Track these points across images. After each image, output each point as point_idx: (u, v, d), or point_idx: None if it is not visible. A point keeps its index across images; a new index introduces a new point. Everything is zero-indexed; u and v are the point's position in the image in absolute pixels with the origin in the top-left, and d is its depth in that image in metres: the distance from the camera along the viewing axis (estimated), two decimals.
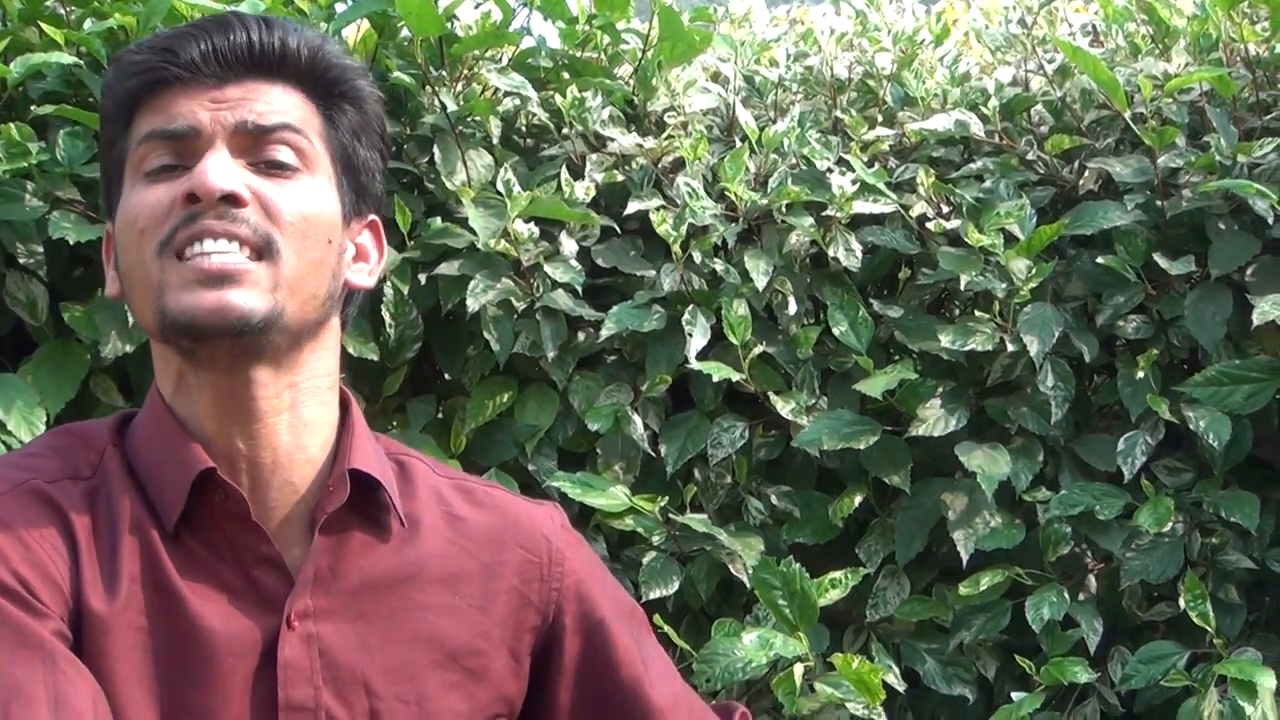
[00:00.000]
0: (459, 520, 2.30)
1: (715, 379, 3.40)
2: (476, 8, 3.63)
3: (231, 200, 1.98)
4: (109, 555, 2.09)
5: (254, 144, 2.05)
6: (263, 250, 2.00)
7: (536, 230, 3.43)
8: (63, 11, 3.36)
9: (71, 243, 3.20)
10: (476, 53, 3.57)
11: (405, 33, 3.46)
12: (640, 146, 3.58)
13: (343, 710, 2.12)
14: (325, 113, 2.11)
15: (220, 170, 1.99)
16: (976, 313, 3.51)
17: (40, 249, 3.30)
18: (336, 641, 2.14)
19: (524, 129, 3.74)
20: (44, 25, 3.29)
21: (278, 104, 2.08)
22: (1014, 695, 3.41)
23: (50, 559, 2.05)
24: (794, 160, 3.57)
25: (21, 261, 3.30)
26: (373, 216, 2.19)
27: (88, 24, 3.32)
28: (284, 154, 2.06)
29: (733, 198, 3.48)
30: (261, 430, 2.10)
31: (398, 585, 2.20)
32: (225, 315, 1.98)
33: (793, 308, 3.49)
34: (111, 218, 2.10)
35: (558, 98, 3.59)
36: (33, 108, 3.30)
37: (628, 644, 2.37)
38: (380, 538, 2.20)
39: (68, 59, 3.26)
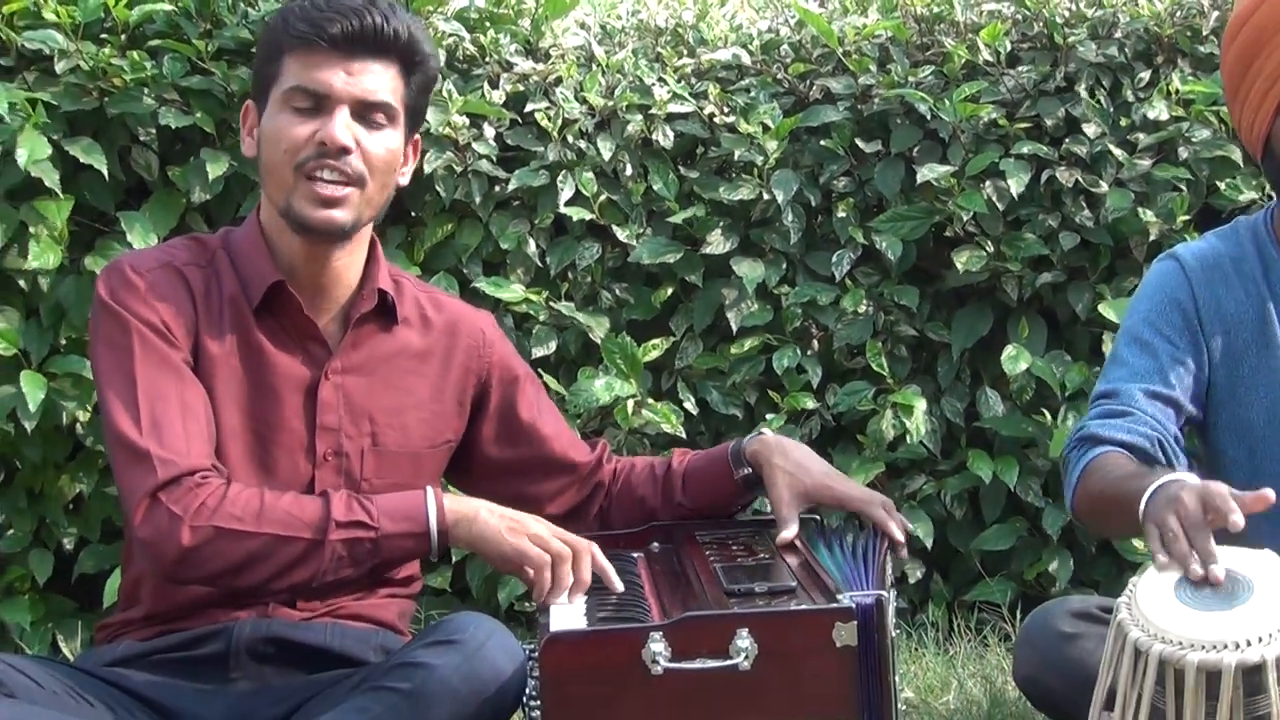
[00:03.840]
0: (429, 320, 2.72)
1: (577, 217, 3.88)
2: None
3: (345, 150, 2.44)
4: (217, 317, 2.55)
5: (364, 110, 2.47)
6: (357, 182, 2.45)
7: (468, 121, 3.85)
8: None
9: (173, 127, 3.67)
10: (430, 7, 3.89)
11: None
12: (535, 69, 3.97)
13: (354, 430, 2.60)
14: (406, 78, 2.52)
15: (343, 131, 2.44)
16: (744, 175, 3.93)
17: (153, 130, 3.75)
18: (353, 388, 2.60)
19: (461, 57, 4.02)
20: None
21: (383, 82, 2.49)
22: (768, 415, 3.84)
23: (182, 312, 2.51)
24: (631, 79, 3.98)
25: (141, 139, 3.75)
26: (416, 136, 2.62)
27: None
28: (380, 118, 2.48)
29: (591, 102, 3.92)
30: (326, 268, 2.58)
31: (392, 358, 2.65)
32: (329, 226, 2.47)
33: (629, 171, 3.93)
34: (256, 102, 2.53)
35: (482, 38, 3.96)
36: (149, 42, 3.72)
37: (530, 399, 2.84)
38: (385, 328, 2.64)
39: (169, 8, 3.68)
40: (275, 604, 2.53)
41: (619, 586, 2.45)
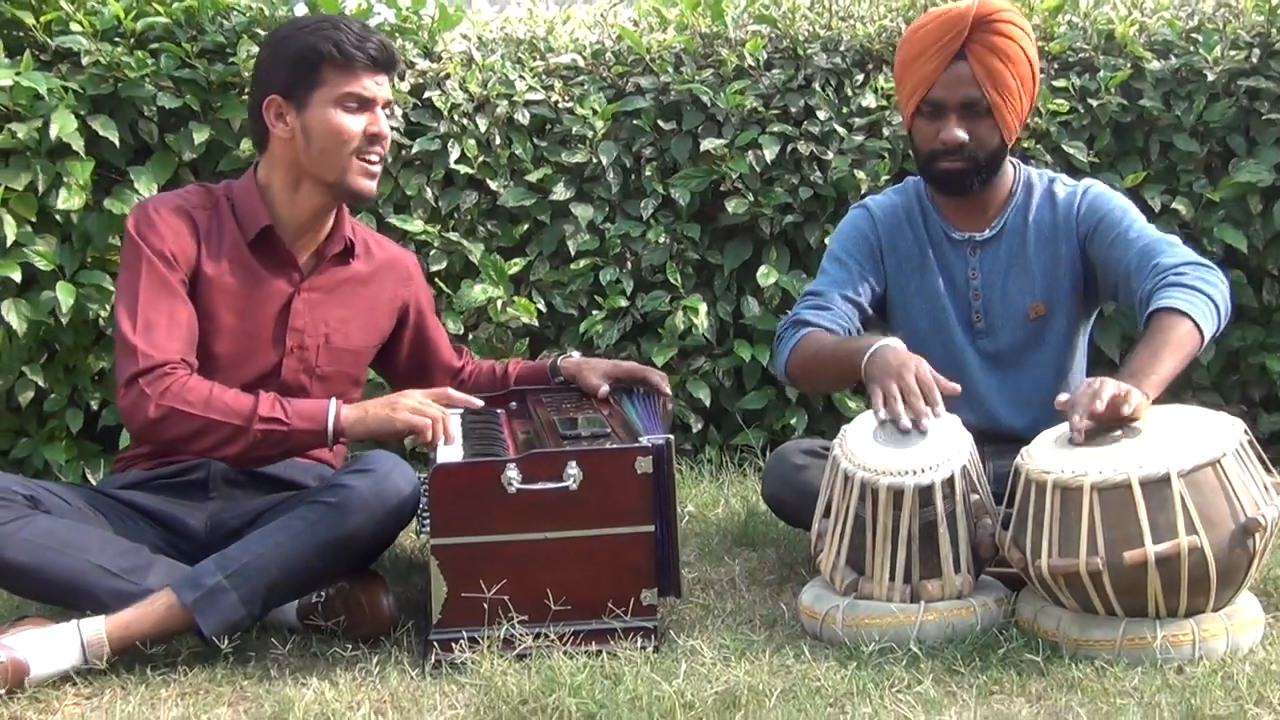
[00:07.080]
0: (370, 255, 2.75)
1: (462, 172, 3.79)
2: None
3: (386, 137, 2.53)
4: (217, 248, 2.53)
5: (385, 106, 2.52)
6: (383, 159, 2.54)
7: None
8: None
9: (168, 107, 3.57)
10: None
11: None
12: (430, 67, 3.86)
13: (314, 331, 2.62)
14: (391, 80, 2.57)
15: (386, 125, 2.52)
16: (579, 144, 3.85)
17: (154, 109, 3.61)
18: (317, 303, 2.63)
19: None
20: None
21: (389, 86, 2.55)
22: (594, 313, 3.80)
23: (187, 243, 2.50)
24: (499, 75, 3.85)
25: (145, 115, 3.62)
26: None
27: (175, 3, 3.64)
28: (388, 111, 2.54)
29: (471, 91, 3.82)
30: (321, 219, 2.60)
31: (345, 283, 2.69)
32: (373, 193, 2.54)
33: (498, 141, 3.80)
34: (287, 100, 2.48)
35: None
36: (150, 44, 3.63)
37: (435, 322, 2.88)
38: (344, 262, 2.68)
39: (165, 20, 3.59)
40: None
41: (478, 404, 2.53)
